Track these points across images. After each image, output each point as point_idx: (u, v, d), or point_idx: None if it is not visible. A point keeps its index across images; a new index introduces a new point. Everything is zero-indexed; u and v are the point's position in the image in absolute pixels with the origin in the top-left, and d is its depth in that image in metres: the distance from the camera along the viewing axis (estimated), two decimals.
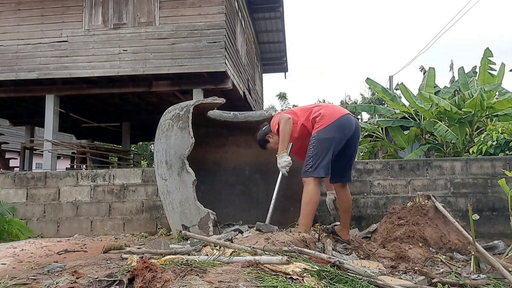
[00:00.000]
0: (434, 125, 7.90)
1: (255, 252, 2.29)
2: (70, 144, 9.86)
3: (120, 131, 12.32)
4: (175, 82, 8.39)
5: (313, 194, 3.02)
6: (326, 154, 3.05)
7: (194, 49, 7.87)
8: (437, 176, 4.49)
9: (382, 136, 10.49)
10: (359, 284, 1.86)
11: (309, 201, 3.03)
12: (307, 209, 3.03)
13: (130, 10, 8.14)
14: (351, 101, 31.69)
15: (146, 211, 4.77)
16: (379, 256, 2.97)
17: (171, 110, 3.93)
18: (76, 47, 8.18)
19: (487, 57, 8.43)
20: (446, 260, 2.92)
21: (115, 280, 1.91)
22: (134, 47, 8.03)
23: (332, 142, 3.08)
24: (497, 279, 2.33)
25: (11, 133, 16.94)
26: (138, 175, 4.87)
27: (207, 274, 1.88)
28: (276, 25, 13.35)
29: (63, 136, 15.24)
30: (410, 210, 3.44)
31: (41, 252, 3.17)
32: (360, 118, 26.65)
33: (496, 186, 4.28)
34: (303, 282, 1.84)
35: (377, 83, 10.09)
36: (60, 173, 5.05)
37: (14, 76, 8.27)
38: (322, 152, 3.05)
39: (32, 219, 4.92)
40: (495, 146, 5.65)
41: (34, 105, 9.89)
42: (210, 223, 3.51)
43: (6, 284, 2.07)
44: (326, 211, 4.62)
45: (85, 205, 4.87)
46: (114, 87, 8.58)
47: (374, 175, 4.60)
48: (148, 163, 22.45)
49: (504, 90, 8.54)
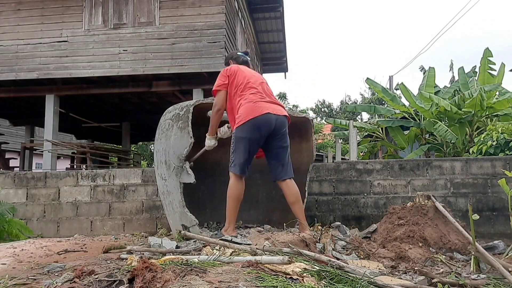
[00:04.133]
0: (434, 125, 7.90)
1: (255, 252, 2.30)
2: (70, 144, 9.86)
3: (120, 131, 12.31)
4: (175, 82, 8.39)
5: (232, 188, 3.21)
6: (242, 153, 3.21)
7: (194, 49, 7.87)
8: (437, 176, 4.49)
9: (382, 136, 10.50)
10: (359, 284, 1.86)
11: (230, 195, 3.22)
12: (229, 202, 3.22)
13: (130, 10, 8.14)
14: (351, 101, 31.73)
15: (146, 211, 4.77)
16: (379, 256, 2.97)
17: (171, 110, 3.92)
18: (76, 47, 8.18)
19: (487, 57, 8.43)
20: (446, 260, 2.92)
21: (115, 280, 1.91)
22: (134, 47, 8.03)
23: (247, 142, 3.20)
24: (497, 279, 2.33)
25: (11, 133, 16.94)
26: (138, 175, 4.87)
27: (207, 274, 1.88)
28: (276, 25, 13.34)
29: (63, 136, 15.24)
30: (410, 210, 3.44)
31: (41, 252, 3.17)
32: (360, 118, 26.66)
33: (496, 186, 4.28)
34: (303, 282, 1.84)
35: (377, 83, 10.10)
36: (60, 173, 5.05)
37: (14, 76, 8.27)
38: (238, 150, 3.22)
39: (32, 219, 4.92)
40: (495, 146, 5.65)
41: (34, 105, 9.89)
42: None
43: (6, 284, 2.07)
44: (326, 210, 4.65)
45: (85, 205, 4.87)
46: (114, 87, 8.58)
47: (374, 175, 4.60)
48: (148, 163, 22.45)
49: (504, 90, 8.54)
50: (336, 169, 4.68)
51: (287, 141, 3.35)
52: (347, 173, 4.65)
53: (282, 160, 3.31)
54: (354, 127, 9.33)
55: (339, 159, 11.78)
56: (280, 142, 3.30)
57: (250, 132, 3.17)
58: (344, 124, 10.69)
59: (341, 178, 4.65)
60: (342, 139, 15.99)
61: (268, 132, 3.21)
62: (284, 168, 3.31)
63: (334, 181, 4.66)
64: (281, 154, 3.31)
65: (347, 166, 4.68)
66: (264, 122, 3.17)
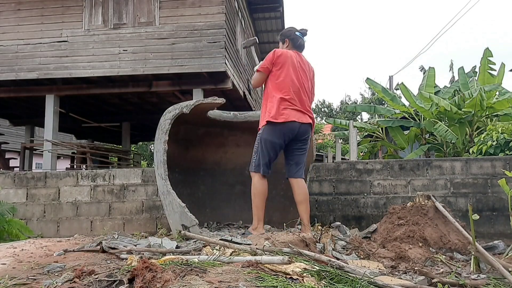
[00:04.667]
0: (434, 125, 7.91)
1: (255, 252, 2.30)
2: (70, 144, 9.86)
3: (120, 131, 12.31)
4: (175, 82, 8.39)
5: (257, 186, 3.29)
6: (266, 155, 3.31)
7: (194, 49, 7.86)
8: (437, 176, 4.49)
9: (382, 136, 10.51)
10: (359, 284, 1.86)
11: (255, 192, 3.29)
12: (255, 200, 3.29)
13: (130, 10, 8.14)
14: (351, 101, 31.73)
15: (146, 211, 4.77)
16: (379, 256, 2.97)
17: (171, 110, 3.92)
18: (76, 47, 8.18)
19: (487, 57, 8.44)
20: (446, 260, 2.92)
21: (115, 280, 1.91)
22: (134, 47, 8.03)
23: (273, 145, 3.31)
24: (497, 279, 2.33)
25: (11, 133, 16.94)
26: (138, 175, 4.87)
27: (207, 274, 1.88)
28: (276, 25, 13.34)
29: (63, 136, 15.24)
30: (410, 210, 3.44)
31: (41, 252, 3.17)
32: (360, 118, 26.67)
33: (496, 186, 4.28)
34: (303, 282, 1.84)
35: (377, 83, 10.10)
36: (60, 173, 5.05)
37: (14, 76, 8.27)
38: (263, 152, 3.31)
39: (32, 219, 4.92)
40: (495, 146, 5.65)
41: (34, 105, 9.89)
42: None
43: (6, 284, 2.07)
44: (326, 210, 4.64)
45: (85, 205, 4.87)
46: (114, 87, 8.58)
47: (374, 175, 4.60)
48: (148, 163, 22.46)
49: (504, 90, 8.55)
50: (336, 169, 4.68)
51: (307, 146, 3.49)
52: (347, 173, 4.65)
53: (299, 161, 3.44)
54: (354, 127, 9.33)
55: (339, 159, 11.78)
56: (300, 147, 3.43)
57: (276, 137, 3.30)
58: (344, 124, 10.70)
59: (341, 178, 4.65)
60: (342, 139, 16.00)
61: (291, 138, 3.35)
62: (298, 168, 3.43)
63: (334, 181, 4.66)
64: (299, 157, 3.45)
65: (347, 166, 4.68)
66: (288, 130, 3.30)
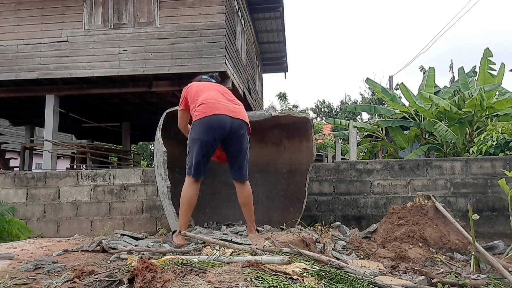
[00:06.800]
0: (434, 125, 7.90)
1: (255, 252, 2.29)
2: (70, 144, 9.86)
3: (120, 131, 12.31)
4: (175, 82, 8.38)
5: (184, 191, 3.14)
6: (195, 155, 3.10)
7: (194, 49, 7.86)
8: (437, 176, 4.49)
9: (382, 136, 10.50)
10: (359, 284, 1.86)
11: (181, 198, 3.14)
12: (181, 207, 3.13)
13: (130, 10, 8.14)
14: (351, 101, 31.71)
15: (146, 211, 4.77)
16: (379, 256, 2.97)
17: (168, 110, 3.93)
18: (76, 47, 8.17)
19: (487, 57, 8.43)
20: (446, 260, 2.92)
21: (115, 280, 1.91)
22: (134, 47, 8.03)
23: (201, 144, 3.09)
24: (497, 279, 2.33)
25: (11, 133, 16.93)
26: (138, 175, 4.87)
27: (207, 274, 1.88)
28: (276, 25, 13.34)
29: (63, 136, 15.23)
30: (410, 210, 3.44)
31: (41, 252, 3.17)
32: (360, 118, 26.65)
33: (496, 186, 4.28)
34: (303, 282, 1.84)
35: (377, 83, 10.10)
36: (60, 173, 5.05)
37: (14, 76, 8.27)
38: (192, 152, 3.13)
39: (32, 219, 4.92)
40: (495, 146, 5.65)
41: (34, 105, 9.88)
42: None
43: (6, 284, 2.07)
44: (326, 210, 4.64)
45: (85, 205, 4.87)
46: (114, 87, 8.57)
47: (374, 175, 4.60)
48: (148, 163, 22.45)
49: (504, 90, 8.55)
50: (336, 169, 4.68)
51: (246, 144, 3.26)
52: (347, 173, 4.65)
53: (239, 162, 3.26)
54: (354, 127, 9.32)
55: (339, 159, 11.77)
56: (238, 145, 3.22)
57: (204, 134, 3.09)
58: (344, 124, 10.69)
59: (341, 178, 4.65)
60: (342, 139, 15.99)
61: (223, 134, 3.13)
62: (241, 170, 3.28)
63: (334, 181, 4.66)
64: (238, 157, 3.26)
65: (347, 166, 4.68)
66: (216, 124, 3.09)
